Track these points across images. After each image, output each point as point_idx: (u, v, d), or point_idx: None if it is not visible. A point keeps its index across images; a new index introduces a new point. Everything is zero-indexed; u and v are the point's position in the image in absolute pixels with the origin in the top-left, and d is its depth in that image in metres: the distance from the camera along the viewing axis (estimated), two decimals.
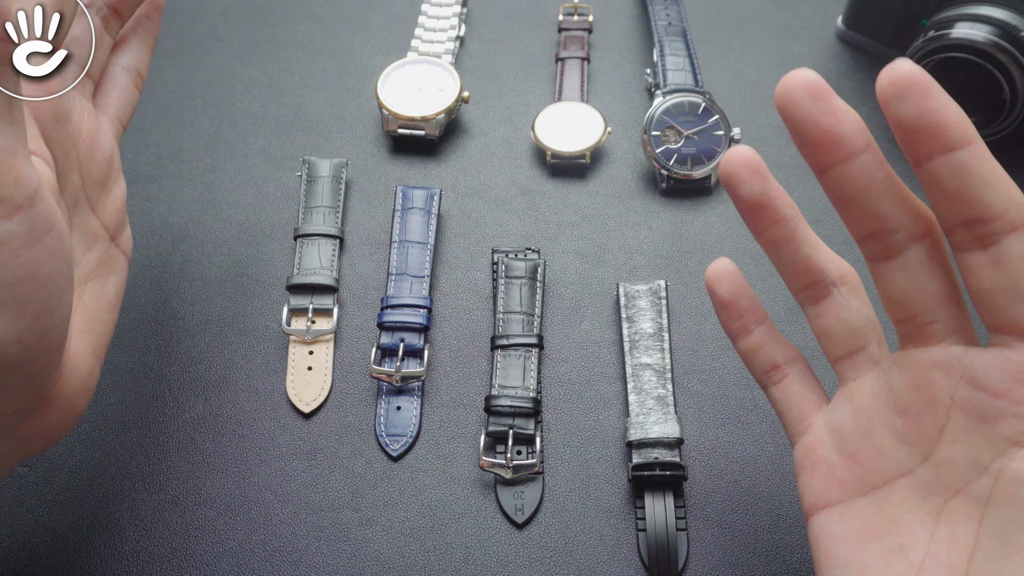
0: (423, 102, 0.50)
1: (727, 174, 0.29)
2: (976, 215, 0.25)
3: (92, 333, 0.33)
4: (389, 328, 0.42)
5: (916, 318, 0.28)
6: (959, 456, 0.26)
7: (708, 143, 0.48)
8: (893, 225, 0.27)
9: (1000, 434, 0.25)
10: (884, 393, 0.29)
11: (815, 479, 0.30)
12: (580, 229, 0.47)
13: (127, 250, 0.36)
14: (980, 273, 0.25)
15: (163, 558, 0.37)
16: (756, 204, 0.29)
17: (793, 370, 0.32)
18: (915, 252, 0.27)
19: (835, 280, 0.30)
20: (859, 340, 0.30)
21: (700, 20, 0.57)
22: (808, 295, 0.31)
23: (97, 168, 0.34)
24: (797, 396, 0.32)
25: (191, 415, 0.41)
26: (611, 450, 0.40)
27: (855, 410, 0.29)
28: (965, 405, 0.26)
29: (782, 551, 0.37)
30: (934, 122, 0.24)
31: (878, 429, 0.29)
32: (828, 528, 0.29)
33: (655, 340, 0.42)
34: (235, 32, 0.57)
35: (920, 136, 0.25)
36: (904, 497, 0.28)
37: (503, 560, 0.37)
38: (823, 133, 0.26)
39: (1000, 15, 0.45)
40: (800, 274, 0.30)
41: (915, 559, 0.27)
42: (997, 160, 0.25)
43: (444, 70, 0.51)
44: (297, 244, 0.45)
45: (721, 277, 0.33)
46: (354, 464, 0.40)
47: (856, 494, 0.29)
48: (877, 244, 0.28)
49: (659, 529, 0.37)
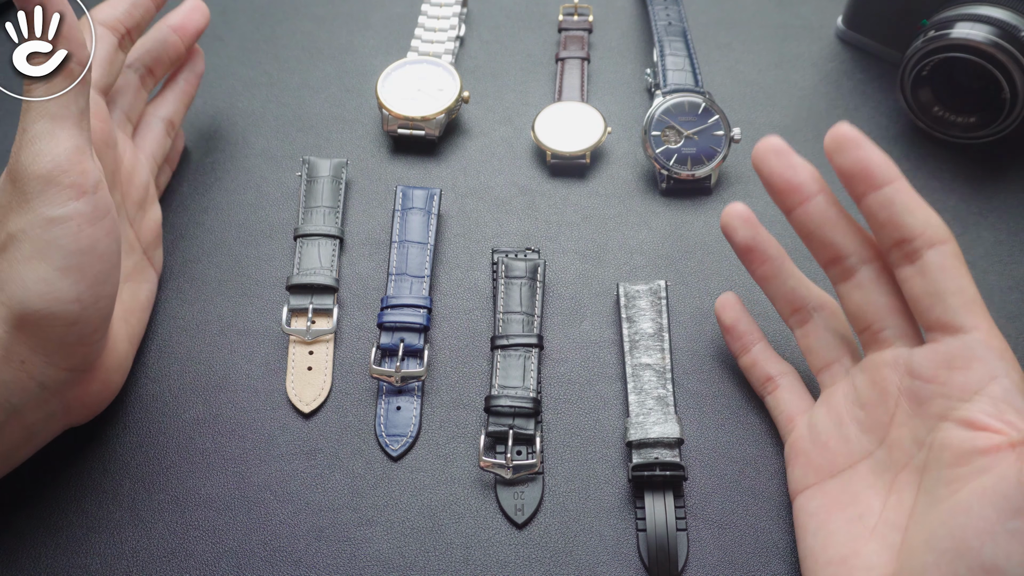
0: (423, 102, 0.50)
1: (725, 225, 0.38)
2: (902, 236, 0.32)
3: (128, 324, 0.40)
4: (389, 328, 0.42)
5: (871, 326, 0.35)
6: (905, 437, 0.33)
7: (708, 143, 0.48)
8: (846, 251, 0.34)
9: (932, 412, 0.32)
10: (851, 392, 0.35)
11: (797, 467, 0.36)
12: (580, 229, 0.47)
13: (158, 267, 0.44)
14: (911, 283, 0.32)
15: (163, 558, 0.37)
16: (748, 247, 0.38)
17: (784, 381, 0.39)
18: (866, 272, 0.34)
19: (816, 306, 0.38)
20: (835, 353, 0.37)
21: (700, 20, 0.57)
22: (795, 319, 0.38)
23: (136, 191, 0.42)
24: (787, 403, 0.38)
25: (191, 415, 0.41)
26: (611, 450, 0.40)
27: (829, 409, 0.36)
28: (907, 393, 0.33)
29: (782, 551, 0.37)
30: (864, 167, 0.32)
31: (845, 422, 0.35)
32: (804, 506, 0.35)
33: (655, 340, 0.42)
34: (235, 32, 0.57)
35: (856, 178, 0.32)
36: (864, 475, 0.34)
37: (503, 560, 0.37)
38: (787, 182, 0.35)
39: (1000, 15, 0.45)
40: (787, 302, 0.38)
41: (869, 524, 0.32)
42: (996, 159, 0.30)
43: (444, 70, 0.51)
44: (297, 244, 0.45)
45: (725, 306, 0.41)
46: (354, 464, 0.40)
47: (827, 476, 0.35)
48: (836, 268, 0.35)
49: (659, 529, 0.37)
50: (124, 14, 0.41)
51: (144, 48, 0.45)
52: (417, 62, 0.52)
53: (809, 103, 0.53)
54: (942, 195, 0.48)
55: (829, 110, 0.53)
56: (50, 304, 0.32)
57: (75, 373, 0.35)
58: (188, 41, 0.46)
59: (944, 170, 0.49)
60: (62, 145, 0.32)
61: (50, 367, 0.33)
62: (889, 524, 0.32)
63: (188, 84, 0.48)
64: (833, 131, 0.33)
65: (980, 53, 0.45)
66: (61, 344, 0.33)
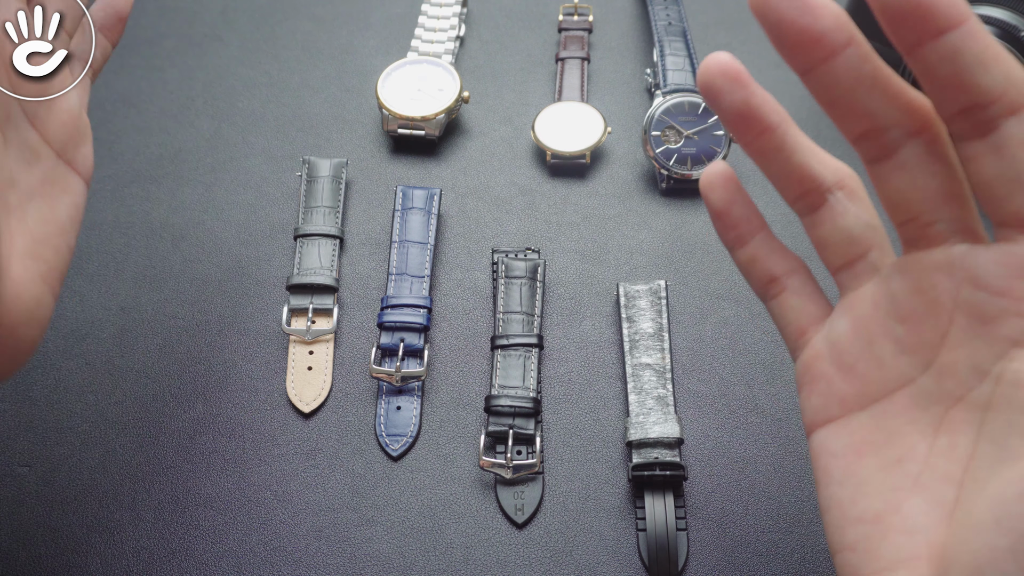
0: (423, 102, 0.50)
1: (704, 85, 0.28)
2: (972, 101, 0.23)
3: (39, 259, 0.30)
4: (389, 328, 0.42)
5: (917, 219, 0.26)
6: (961, 362, 0.25)
7: (708, 143, 0.48)
8: (885, 122, 0.25)
9: (1002, 335, 0.24)
10: (885, 301, 0.27)
11: (814, 395, 0.28)
12: (580, 229, 0.47)
13: (84, 170, 0.33)
14: (981, 163, 0.24)
15: (163, 558, 0.37)
16: (739, 115, 0.28)
17: (792, 282, 0.30)
18: (912, 149, 0.25)
19: (831, 186, 0.28)
20: (858, 247, 0.28)
21: (700, 20, 0.57)
22: (804, 204, 0.29)
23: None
24: (795, 310, 0.30)
25: (191, 415, 0.41)
26: (611, 450, 0.40)
27: (855, 321, 0.28)
28: (967, 307, 0.25)
29: (782, 551, 0.37)
30: (919, 4, 0.23)
31: (878, 339, 0.27)
32: (826, 444, 0.28)
33: (655, 340, 0.42)
34: (235, 32, 0.57)
35: (906, 21, 0.23)
36: (904, 409, 0.26)
37: (503, 560, 0.37)
38: (801, 32, 0.25)
39: (1000, 15, 0.45)
40: (793, 183, 0.28)
41: (912, 471, 0.26)
42: None
43: (444, 70, 0.51)
44: (297, 244, 0.45)
45: (714, 184, 0.31)
46: (354, 464, 0.40)
47: (855, 408, 0.27)
48: (871, 144, 0.26)
49: (659, 529, 0.37)
50: None
51: None
52: (417, 62, 0.52)
53: (809, 103, 0.53)
54: None
55: None
56: None
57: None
58: None
59: None
60: None
61: None
62: (939, 474, 0.25)
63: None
64: None
65: None
66: None
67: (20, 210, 0.30)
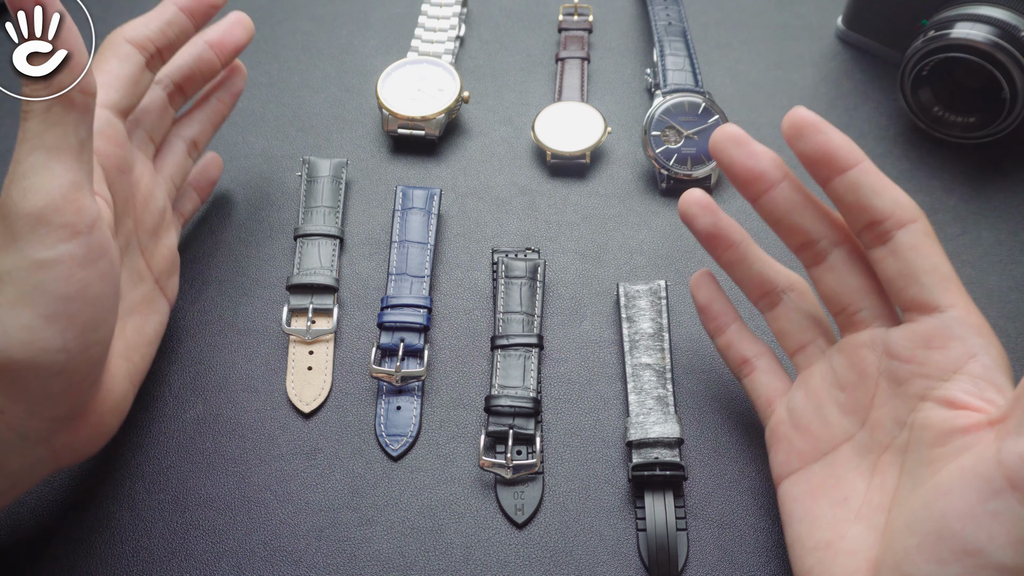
0: (423, 102, 0.50)
1: (684, 213, 0.37)
2: (871, 218, 0.31)
3: (130, 361, 0.36)
4: (389, 328, 0.42)
5: (846, 308, 0.34)
6: (885, 417, 0.32)
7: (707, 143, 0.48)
8: (816, 235, 0.34)
9: (912, 392, 0.31)
10: (829, 374, 0.34)
11: (779, 453, 0.35)
12: (580, 229, 0.47)
13: (171, 296, 0.41)
14: (884, 264, 0.32)
15: (163, 558, 0.37)
16: (710, 235, 0.37)
17: (761, 363, 0.38)
18: (837, 255, 0.34)
19: (785, 288, 0.37)
20: (808, 335, 0.36)
21: (700, 20, 0.57)
22: (764, 303, 0.37)
23: (150, 217, 0.39)
24: (764, 385, 0.37)
25: (191, 415, 0.41)
26: (611, 450, 0.40)
27: (808, 392, 0.35)
28: (886, 374, 0.32)
29: (782, 551, 0.37)
30: (827, 151, 0.31)
31: (826, 405, 0.34)
32: (789, 491, 0.34)
33: (655, 340, 0.42)
34: None
35: (819, 164, 0.32)
36: (848, 458, 0.33)
37: (503, 560, 0.37)
38: (748, 171, 0.34)
39: (1000, 15, 0.45)
40: (755, 286, 0.37)
41: (854, 506, 0.32)
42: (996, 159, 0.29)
43: (444, 70, 0.51)
44: (297, 244, 0.45)
45: (700, 285, 0.40)
46: (354, 464, 0.40)
47: (811, 461, 0.34)
48: (808, 252, 0.34)
49: (659, 529, 0.37)
50: (156, 33, 0.37)
51: (176, 63, 0.41)
52: (417, 62, 0.52)
53: (809, 103, 0.53)
54: (942, 195, 0.48)
55: (829, 110, 0.53)
56: (33, 354, 0.29)
57: (62, 422, 0.32)
58: (225, 58, 0.42)
59: (944, 170, 0.49)
60: (57, 180, 0.29)
61: (33, 417, 0.30)
62: (873, 506, 0.31)
63: (220, 103, 0.44)
64: (790, 116, 0.32)
65: (980, 53, 0.45)
66: (45, 394, 0.30)
67: (122, 320, 0.36)
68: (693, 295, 0.40)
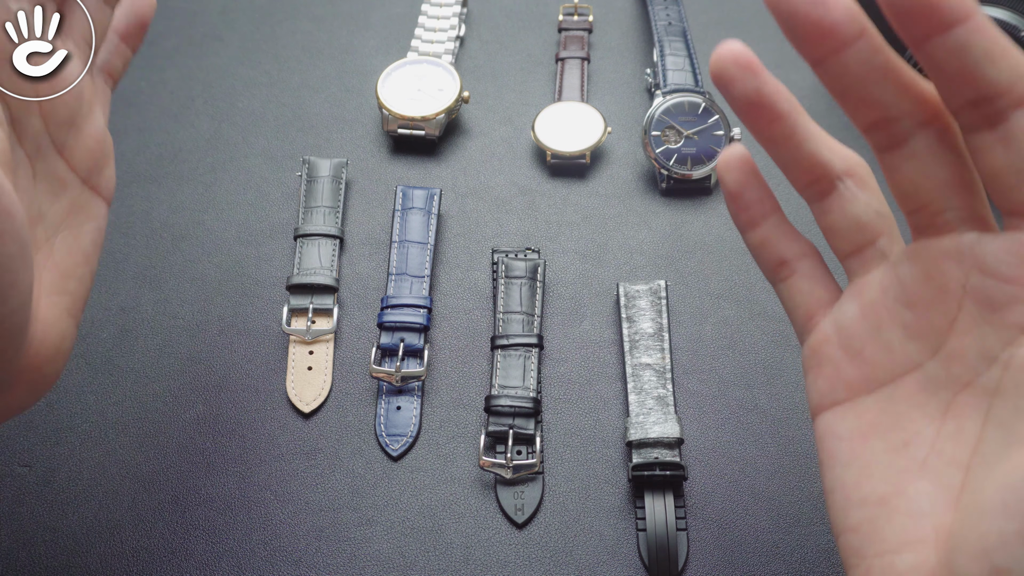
0: (423, 102, 0.50)
1: (717, 73, 0.28)
2: (980, 94, 0.24)
3: (65, 293, 0.31)
4: (389, 328, 0.42)
5: (927, 207, 0.26)
6: (969, 348, 0.25)
7: (708, 143, 0.48)
8: (896, 112, 0.26)
9: (1011, 322, 0.24)
10: (894, 286, 0.27)
11: (820, 379, 0.29)
12: (580, 229, 0.47)
13: (107, 192, 0.33)
14: (989, 154, 0.24)
15: (163, 558, 0.37)
16: (750, 103, 0.28)
17: (802, 266, 0.30)
18: (922, 139, 0.26)
19: (841, 174, 0.29)
20: (867, 234, 0.28)
21: (700, 20, 0.57)
22: (813, 192, 0.29)
23: (63, 105, 0.31)
24: (804, 294, 0.30)
25: (191, 415, 0.41)
26: (611, 450, 0.40)
27: (863, 306, 0.28)
28: (976, 294, 0.25)
29: (782, 551, 0.37)
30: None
31: (886, 324, 0.27)
32: (832, 427, 0.28)
33: (655, 340, 0.42)
34: (235, 32, 0.57)
35: (914, 17, 0.24)
36: (911, 393, 0.27)
37: (503, 560, 0.37)
38: (814, 25, 0.25)
39: (1000, 15, 0.45)
40: (803, 170, 0.29)
41: (918, 455, 0.26)
42: None
43: (444, 70, 0.51)
44: (297, 244, 0.45)
45: (731, 166, 0.31)
46: (354, 464, 0.40)
47: (862, 392, 0.28)
48: (882, 133, 0.26)
49: (659, 529, 0.37)
50: None
51: None
52: (417, 62, 0.52)
53: (809, 103, 0.53)
54: None
55: (829, 110, 0.53)
56: None
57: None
58: None
59: None
60: None
61: None
62: (945, 459, 0.25)
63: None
64: None
65: None
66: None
67: (47, 244, 0.30)
68: (721, 178, 0.31)
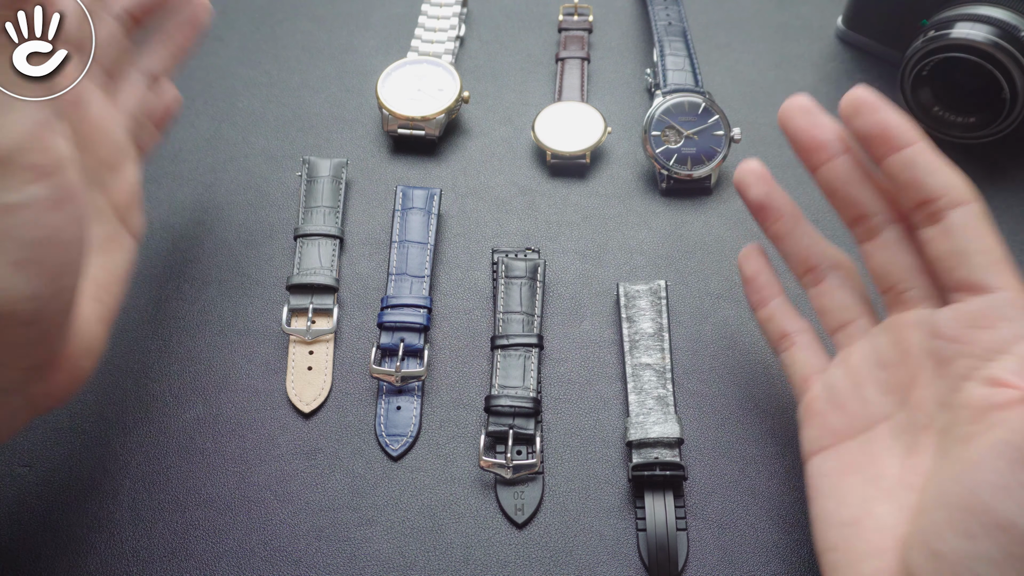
0: (423, 102, 0.50)
1: (739, 181, 0.38)
2: (925, 196, 0.32)
3: (99, 302, 0.35)
4: (389, 328, 0.42)
5: (895, 286, 0.34)
6: (928, 398, 0.31)
7: (708, 143, 0.48)
8: (871, 210, 0.34)
9: (956, 372, 0.30)
10: (871, 353, 0.34)
11: (812, 428, 0.35)
12: (580, 229, 0.47)
13: (136, 233, 0.38)
14: (935, 243, 0.32)
15: (163, 558, 0.37)
16: (761, 204, 0.37)
17: (802, 339, 0.38)
18: (891, 232, 0.34)
19: (831, 265, 0.37)
20: (851, 313, 0.36)
21: (700, 20, 0.57)
22: (809, 278, 0.37)
23: (106, 151, 0.37)
24: (802, 362, 0.37)
25: (191, 415, 0.41)
26: (611, 450, 0.40)
27: (848, 370, 0.35)
28: (931, 354, 0.32)
29: (782, 551, 0.37)
30: (884, 129, 0.32)
31: (865, 383, 0.34)
32: (820, 467, 0.34)
33: (655, 340, 0.42)
34: (235, 32, 0.57)
35: (876, 141, 0.32)
36: (884, 438, 0.33)
37: (503, 560, 0.37)
38: (812, 139, 0.35)
39: (1000, 15, 0.45)
40: (801, 261, 0.37)
41: (885, 485, 0.31)
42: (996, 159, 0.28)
43: (444, 70, 0.51)
44: (297, 244, 0.45)
45: (749, 257, 0.40)
46: (354, 464, 0.40)
47: (845, 438, 0.34)
48: (861, 227, 0.35)
49: (659, 529, 0.37)
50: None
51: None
52: (417, 62, 0.52)
53: None
54: None
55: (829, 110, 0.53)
56: (2, 303, 0.27)
57: (35, 371, 0.31)
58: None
59: None
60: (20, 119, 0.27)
61: (4, 368, 0.30)
62: (905, 485, 0.31)
63: (180, 34, 0.42)
64: (849, 95, 0.33)
65: (980, 53, 0.45)
66: (16, 344, 0.29)
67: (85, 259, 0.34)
68: (741, 267, 0.40)
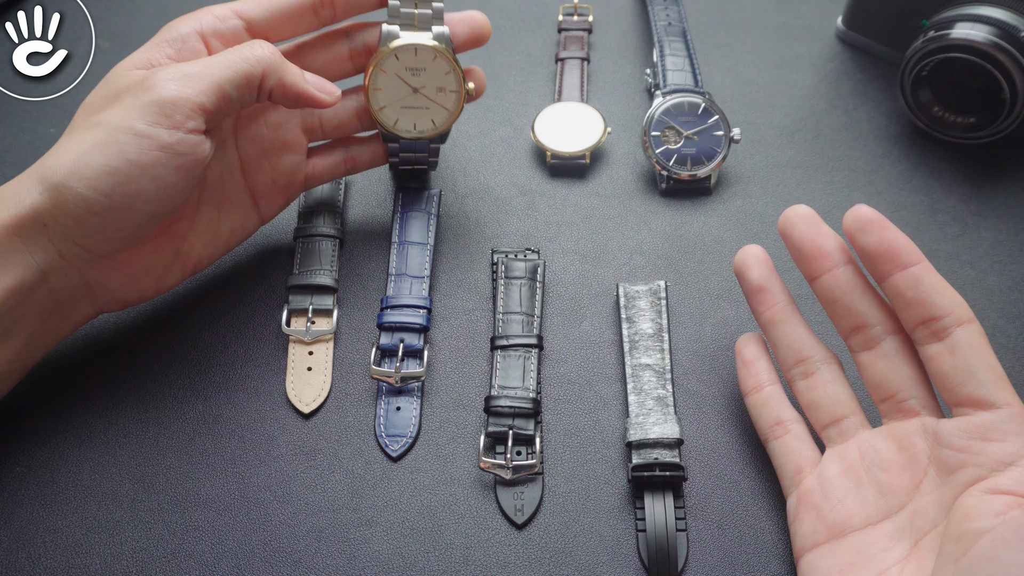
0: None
1: (740, 262, 0.39)
2: (931, 314, 0.33)
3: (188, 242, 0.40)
4: (389, 328, 0.42)
5: (895, 395, 0.35)
6: (931, 504, 0.33)
7: (708, 143, 0.48)
8: (870, 320, 0.35)
9: (961, 481, 0.32)
10: (870, 453, 0.35)
11: (805, 523, 0.35)
12: (580, 229, 0.47)
13: (266, 214, 0.43)
14: (939, 360, 0.33)
15: (163, 558, 0.37)
16: (760, 287, 0.38)
17: (796, 428, 0.37)
18: (890, 343, 0.35)
19: (822, 359, 0.37)
20: (845, 410, 0.36)
21: (700, 20, 0.57)
22: (799, 370, 0.37)
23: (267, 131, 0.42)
24: (796, 452, 0.37)
25: (191, 415, 0.41)
26: (611, 450, 0.40)
27: (844, 466, 0.35)
28: (937, 462, 0.33)
29: (782, 551, 0.37)
30: (891, 247, 0.33)
31: (864, 482, 0.34)
32: (814, 564, 0.34)
33: (655, 340, 0.42)
34: None
35: (882, 258, 0.34)
36: (880, 538, 0.33)
37: (503, 560, 0.37)
38: (815, 249, 0.36)
39: (1000, 15, 0.45)
40: (793, 351, 0.38)
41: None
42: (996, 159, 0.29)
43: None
44: (297, 244, 0.45)
45: (748, 341, 0.40)
46: (354, 464, 0.40)
47: (839, 536, 0.34)
48: (859, 337, 0.36)
49: (659, 529, 0.37)
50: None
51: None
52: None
53: (809, 103, 0.53)
54: (942, 195, 0.48)
55: (829, 110, 0.53)
56: (81, 186, 0.33)
57: (92, 254, 0.36)
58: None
59: (944, 170, 0.49)
60: (194, 93, 0.35)
61: (67, 239, 0.35)
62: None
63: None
64: (853, 213, 0.34)
65: (980, 53, 0.45)
66: (80, 222, 0.34)
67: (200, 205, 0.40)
68: (739, 349, 0.40)
